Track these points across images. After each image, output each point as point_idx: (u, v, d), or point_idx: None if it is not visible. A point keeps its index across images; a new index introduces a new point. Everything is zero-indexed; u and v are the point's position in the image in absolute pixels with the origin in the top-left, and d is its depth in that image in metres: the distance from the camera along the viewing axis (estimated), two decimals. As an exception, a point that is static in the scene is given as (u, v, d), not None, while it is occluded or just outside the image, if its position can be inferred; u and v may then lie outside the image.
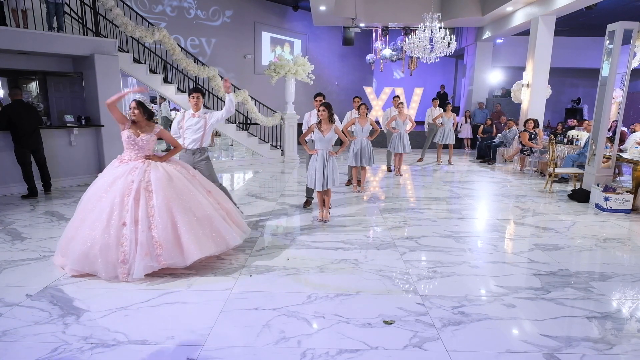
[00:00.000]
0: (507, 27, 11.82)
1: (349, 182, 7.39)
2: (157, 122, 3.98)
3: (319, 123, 5.07)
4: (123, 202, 3.43)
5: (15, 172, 6.47)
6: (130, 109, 3.76)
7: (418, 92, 13.83)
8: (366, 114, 6.71)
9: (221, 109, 4.82)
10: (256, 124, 10.57)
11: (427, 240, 4.58)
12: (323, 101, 5.24)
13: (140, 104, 3.78)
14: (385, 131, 9.40)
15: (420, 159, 10.73)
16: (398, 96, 9.04)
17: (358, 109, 6.72)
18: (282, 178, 8.43)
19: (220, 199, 4.06)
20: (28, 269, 3.64)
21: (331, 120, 5.05)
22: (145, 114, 3.79)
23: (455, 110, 14.77)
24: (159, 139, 3.94)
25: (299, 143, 5.31)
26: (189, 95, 4.78)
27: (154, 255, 3.38)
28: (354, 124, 6.76)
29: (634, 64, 6.33)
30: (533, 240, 4.67)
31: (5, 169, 6.40)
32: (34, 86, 7.84)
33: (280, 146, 10.96)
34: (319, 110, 5.06)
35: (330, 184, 5.10)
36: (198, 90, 4.79)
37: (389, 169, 9.18)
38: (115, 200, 3.42)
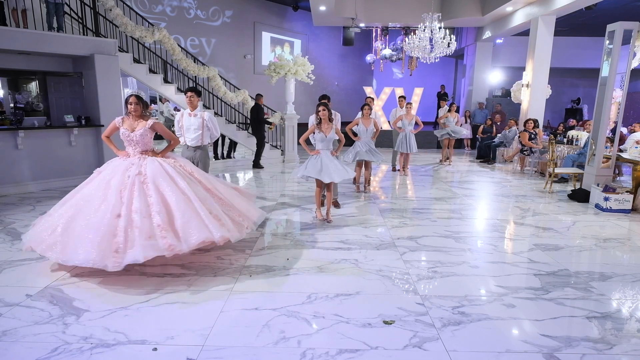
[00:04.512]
0: (507, 27, 11.82)
1: (354, 181, 7.37)
2: (151, 114, 3.98)
3: (320, 123, 5.07)
4: (120, 195, 3.40)
5: (14, 173, 6.47)
6: (130, 104, 3.74)
7: (418, 92, 13.84)
8: (369, 115, 6.72)
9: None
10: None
11: (427, 240, 4.58)
12: (321, 101, 5.21)
13: (140, 99, 3.78)
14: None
15: (441, 160, 10.75)
16: (404, 97, 9.14)
17: (362, 109, 6.71)
18: (282, 178, 8.42)
19: (224, 197, 3.99)
20: (28, 269, 3.64)
21: (330, 120, 5.06)
22: (143, 109, 3.81)
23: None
24: (155, 132, 3.87)
25: (298, 143, 5.31)
26: (185, 93, 4.96)
27: (159, 237, 3.30)
28: (357, 124, 6.75)
29: (634, 64, 6.33)
30: (533, 240, 4.67)
31: (4, 168, 6.40)
32: (34, 86, 7.84)
33: (280, 146, 10.97)
34: (318, 111, 5.05)
35: (336, 179, 5.09)
36: (192, 89, 4.92)
37: (394, 169, 9.21)
38: (112, 195, 3.40)
